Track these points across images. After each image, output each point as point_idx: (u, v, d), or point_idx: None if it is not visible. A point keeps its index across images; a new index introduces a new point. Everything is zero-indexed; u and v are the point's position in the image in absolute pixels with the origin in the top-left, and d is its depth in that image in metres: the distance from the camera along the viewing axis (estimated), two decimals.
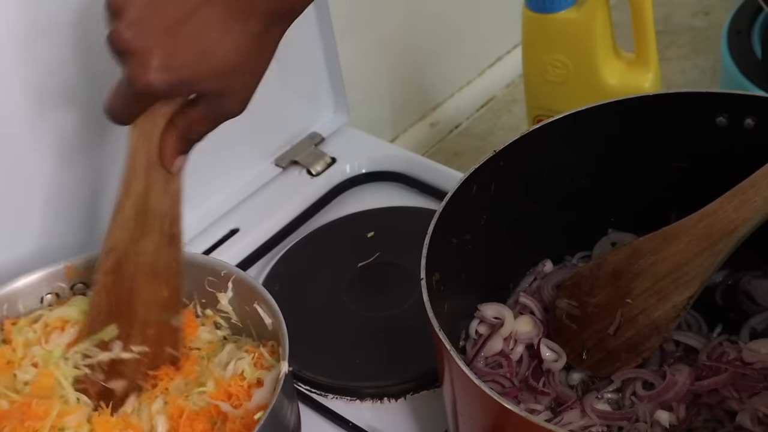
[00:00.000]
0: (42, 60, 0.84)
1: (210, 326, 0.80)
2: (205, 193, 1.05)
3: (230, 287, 0.78)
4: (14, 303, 0.81)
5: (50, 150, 0.88)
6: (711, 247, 0.72)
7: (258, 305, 0.76)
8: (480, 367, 0.79)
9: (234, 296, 0.79)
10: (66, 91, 0.87)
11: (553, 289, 0.84)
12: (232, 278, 0.78)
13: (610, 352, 0.78)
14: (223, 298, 0.79)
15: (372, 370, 0.87)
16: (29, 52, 0.83)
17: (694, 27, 1.84)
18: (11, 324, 0.80)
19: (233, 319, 0.80)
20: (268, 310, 0.76)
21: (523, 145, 0.78)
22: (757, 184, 0.70)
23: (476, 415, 0.67)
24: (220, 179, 1.06)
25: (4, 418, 0.73)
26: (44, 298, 0.82)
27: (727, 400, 0.72)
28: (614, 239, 0.86)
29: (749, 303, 0.82)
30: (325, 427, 0.84)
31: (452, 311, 0.76)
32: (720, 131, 0.78)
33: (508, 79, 1.73)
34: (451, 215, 0.74)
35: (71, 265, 0.82)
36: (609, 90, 1.09)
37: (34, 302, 0.82)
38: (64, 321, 0.80)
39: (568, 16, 1.07)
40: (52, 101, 0.86)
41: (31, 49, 0.83)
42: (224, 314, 0.80)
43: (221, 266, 0.80)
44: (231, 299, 0.79)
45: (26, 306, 0.81)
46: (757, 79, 1.24)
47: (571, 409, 0.75)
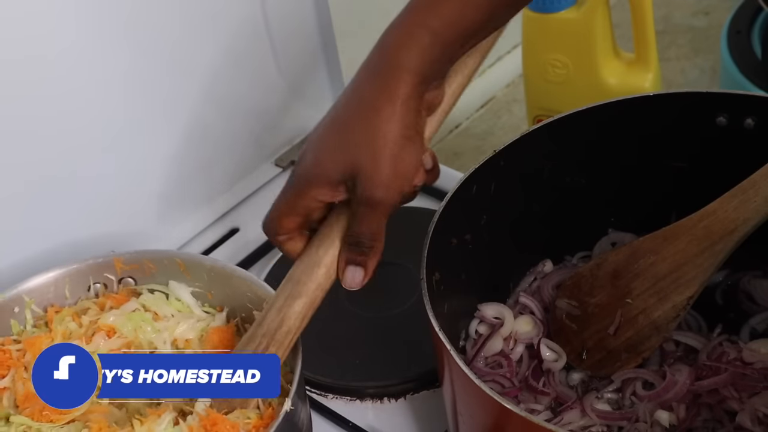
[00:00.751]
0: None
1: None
2: (206, 193, 1.05)
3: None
4: (61, 288, 0.81)
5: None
6: (711, 247, 0.72)
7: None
8: (480, 367, 0.79)
9: None
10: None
11: (553, 289, 0.84)
12: (267, 299, 0.77)
13: (610, 352, 0.78)
14: (259, 316, 0.79)
15: (372, 370, 0.87)
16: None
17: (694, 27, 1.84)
18: (54, 312, 0.80)
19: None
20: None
21: (523, 145, 0.78)
22: (757, 184, 0.70)
23: (476, 415, 0.67)
24: (220, 179, 1.06)
25: (28, 400, 0.73)
26: (91, 287, 0.82)
27: (727, 400, 0.72)
28: (614, 239, 0.86)
29: (749, 303, 0.82)
30: (325, 427, 0.84)
31: (452, 311, 0.76)
32: (720, 131, 0.78)
33: (508, 79, 1.73)
34: (451, 215, 0.74)
35: (121, 258, 0.82)
36: (609, 90, 1.09)
37: (81, 290, 0.82)
38: (113, 329, 0.79)
39: (568, 16, 1.07)
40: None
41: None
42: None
43: (257, 285, 0.79)
44: None
45: (73, 293, 0.82)
46: (757, 79, 1.24)
47: (571, 409, 0.75)
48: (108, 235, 0.95)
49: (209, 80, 0.99)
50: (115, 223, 0.96)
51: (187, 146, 1.00)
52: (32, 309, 0.80)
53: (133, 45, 0.91)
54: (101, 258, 0.82)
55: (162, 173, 0.99)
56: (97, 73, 0.89)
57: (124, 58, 0.90)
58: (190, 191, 1.03)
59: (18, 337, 0.79)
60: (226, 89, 1.02)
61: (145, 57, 0.93)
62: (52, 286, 0.81)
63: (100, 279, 0.82)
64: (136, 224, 0.98)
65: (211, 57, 0.98)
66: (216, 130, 1.03)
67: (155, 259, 0.82)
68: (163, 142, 0.98)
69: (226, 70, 1.01)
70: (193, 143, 1.01)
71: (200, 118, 1.00)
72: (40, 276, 0.81)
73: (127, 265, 0.82)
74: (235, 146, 1.06)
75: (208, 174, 1.04)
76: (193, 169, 1.03)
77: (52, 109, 0.86)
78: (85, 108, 0.89)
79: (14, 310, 0.80)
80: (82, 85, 0.88)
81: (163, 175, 1.00)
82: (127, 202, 0.97)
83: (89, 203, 0.93)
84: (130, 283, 0.83)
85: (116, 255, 0.82)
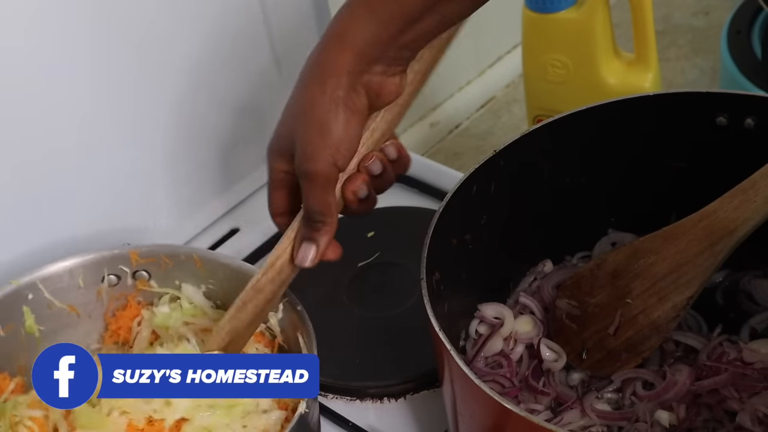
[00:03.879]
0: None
1: (259, 343, 0.80)
2: (206, 193, 1.05)
3: (281, 308, 0.78)
4: (75, 277, 0.81)
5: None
6: (711, 247, 0.72)
7: (300, 335, 0.76)
8: (480, 367, 0.79)
9: (284, 318, 0.78)
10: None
11: (553, 289, 0.84)
12: (284, 300, 0.77)
13: (610, 352, 0.78)
14: (273, 318, 0.79)
15: (372, 370, 0.87)
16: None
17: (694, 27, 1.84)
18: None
19: (278, 339, 0.80)
20: (307, 343, 0.75)
21: (523, 145, 0.78)
22: (757, 184, 0.70)
23: (476, 415, 0.67)
24: (220, 179, 1.06)
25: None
26: (105, 278, 0.82)
27: (727, 400, 0.72)
28: (614, 239, 0.86)
29: (749, 303, 0.82)
30: (325, 427, 0.84)
31: (452, 311, 0.76)
32: (720, 131, 0.78)
33: (508, 79, 1.73)
34: (451, 215, 0.74)
35: (136, 250, 0.82)
36: (609, 90, 1.09)
37: (95, 280, 0.82)
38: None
39: (568, 16, 1.07)
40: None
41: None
42: (272, 333, 0.80)
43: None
44: (281, 320, 0.79)
45: (86, 282, 0.81)
46: (757, 79, 1.24)
47: (571, 409, 0.75)
48: (107, 235, 0.95)
49: (209, 80, 0.99)
50: (114, 224, 0.96)
51: (186, 146, 1.00)
52: (46, 297, 0.80)
53: (134, 45, 0.91)
54: (117, 250, 0.82)
55: (161, 173, 0.99)
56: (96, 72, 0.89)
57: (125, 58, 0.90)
58: (190, 191, 1.03)
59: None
60: (225, 89, 1.02)
61: (145, 56, 0.93)
62: (66, 275, 0.81)
63: (114, 271, 0.82)
64: (135, 224, 0.98)
65: (211, 56, 0.98)
66: (216, 130, 1.03)
67: (172, 255, 0.82)
68: (162, 142, 0.98)
69: (226, 69, 1.01)
70: (193, 143, 1.01)
71: (200, 118, 1.00)
72: (55, 264, 0.80)
73: (143, 259, 0.82)
74: (235, 146, 1.05)
75: (207, 174, 1.04)
76: (193, 169, 1.03)
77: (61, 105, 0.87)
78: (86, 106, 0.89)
79: (28, 297, 0.79)
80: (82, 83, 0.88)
81: (163, 175, 1.00)
82: (126, 202, 0.97)
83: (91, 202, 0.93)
84: (143, 276, 0.83)
85: (132, 248, 0.82)
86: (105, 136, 0.92)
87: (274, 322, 0.78)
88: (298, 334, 0.76)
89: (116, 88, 0.91)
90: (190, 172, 1.02)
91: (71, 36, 0.85)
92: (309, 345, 0.74)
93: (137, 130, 0.95)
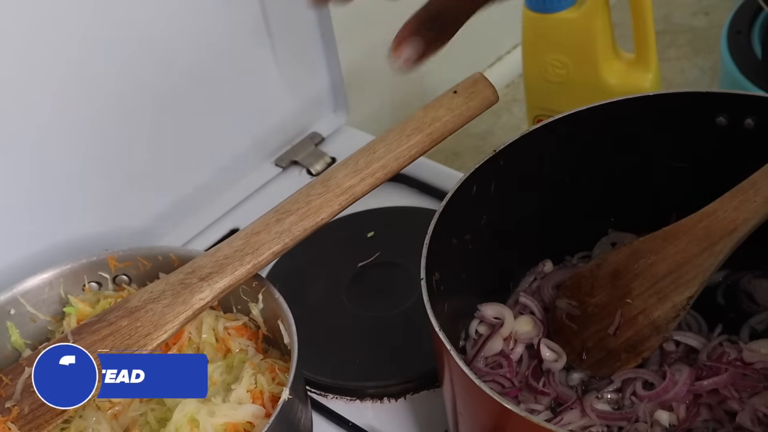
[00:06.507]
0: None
1: (242, 337, 0.80)
2: (206, 192, 1.05)
3: (260, 299, 0.78)
4: (56, 288, 0.81)
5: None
6: (711, 247, 0.72)
7: (281, 323, 0.76)
8: (480, 367, 0.79)
9: (264, 308, 0.78)
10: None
11: (553, 289, 0.84)
12: (262, 290, 0.77)
13: (610, 352, 0.78)
14: (254, 309, 0.79)
15: (372, 370, 0.87)
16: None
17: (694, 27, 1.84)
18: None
19: (263, 330, 0.80)
20: (287, 330, 0.75)
21: (523, 145, 0.78)
22: (757, 184, 0.70)
23: (476, 415, 0.67)
24: (220, 179, 1.06)
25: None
26: (86, 286, 0.82)
27: (727, 400, 0.72)
28: (614, 239, 0.86)
29: (749, 303, 0.82)
30: (325, 427, 0.84)
31: (452, 311, 0.76)
32: (720, 131, 0.78)
33: (508, 79, 1.73)
34: (451, 215, 0.74)
35: (114, 255, 0.82)
36: (609, 90, 1.09)
37: (77, 290, 0.82)
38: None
39: (568, 16, 1.07)
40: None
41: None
42: (256, 324, 0.80)
43: (255, 277, 0.79)
44: (262, 310, 0.79)
45: (68, 292, 0.82)
46: (757, 79, 1.23)
47: (571, 409, 0.75)
48: (106, 236, 0.95)
49: (209, 80, 0.99)
50: (114, 224, 0.96)
51: (186, 146, 1.00)
52: (29, 311, 0.80)
53: (134, 44, 0.91)
54: (95, 257, 0.82)
55: (161, 173, 0.99)
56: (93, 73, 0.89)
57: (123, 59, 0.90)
58: (190, 191, 1.03)
59: None
60: (225, 89, 1.02)
61: (145, 56, 0.93)
62: (46, 287, 0.81)
63: (94, 278, 0.82)
64: (135, 225, 0.98)
65: (210, 57, 0.98)
66: (216, 130, 1.03)
67: (149, 256, 0.82)
68: (162, 142, 0.98)
69: (225, 69, 1.01)
70: (193, 143, 1.01)
71: (199, 118, 1.00)
72: (35, 277, 0.81)
73: (121, 263, 0.82)
74: (235, 146, 1.06)
75: (207, 174, 1.04)
76: (193, 169, 1.03)
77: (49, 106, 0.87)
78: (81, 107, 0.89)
79: (10, 312, 0.80)
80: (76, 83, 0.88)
81: (163, 175, 1.00)
82: (126, 202, 0.97)
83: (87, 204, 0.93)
84: (124, 281, 0.83)
85: (110, 253, 0.82)
86: (100, 139, 0.92)
87: (257, 313, 0.78)
88: (278, 322, 0.75)
89: (111, 89, 0.91)
90: (189, 173, 1.02)
91: (59, 36, 0.85)
92: (290, 332, 0.74)
93: (135, 131, 0.95)
